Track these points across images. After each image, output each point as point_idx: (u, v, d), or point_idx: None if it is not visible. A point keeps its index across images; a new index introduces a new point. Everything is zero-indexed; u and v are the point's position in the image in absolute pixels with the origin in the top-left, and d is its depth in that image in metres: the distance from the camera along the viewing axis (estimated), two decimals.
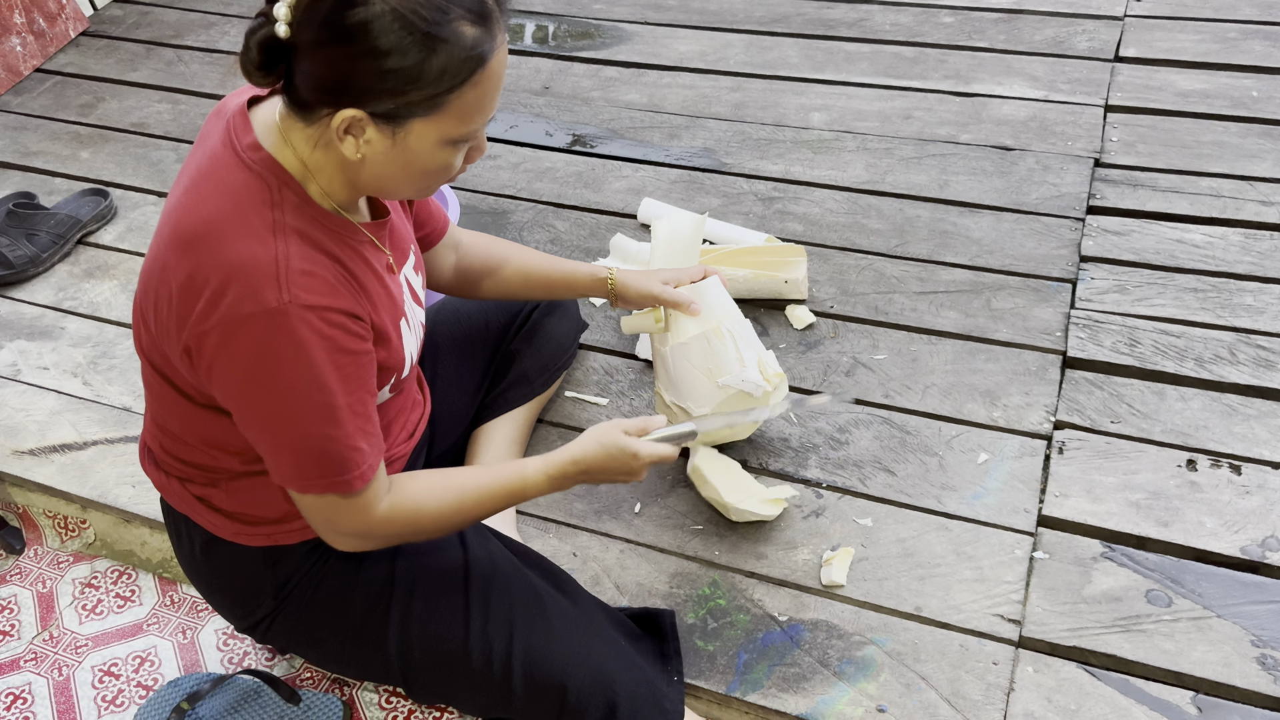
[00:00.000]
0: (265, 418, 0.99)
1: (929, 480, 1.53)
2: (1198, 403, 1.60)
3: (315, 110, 0.95)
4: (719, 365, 1.41)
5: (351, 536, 1.08)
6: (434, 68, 0.90)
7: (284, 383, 0.96)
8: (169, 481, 1.19)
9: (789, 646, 1.35)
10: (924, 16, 2.63)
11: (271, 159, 0.98)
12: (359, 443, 1.02)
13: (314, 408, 0.98)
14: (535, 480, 1.16)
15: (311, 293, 0.95)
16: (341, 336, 0.98)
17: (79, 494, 1.65)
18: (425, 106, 0.93)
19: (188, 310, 0.96)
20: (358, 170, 0.99)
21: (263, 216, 0.96)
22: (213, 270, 0.94)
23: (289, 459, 1.01)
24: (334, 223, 1.02)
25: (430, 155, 0.98)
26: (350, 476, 1.02)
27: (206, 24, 2.93)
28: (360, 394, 1.02)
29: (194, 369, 1.00)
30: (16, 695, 1.50)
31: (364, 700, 1.46)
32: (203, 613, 1.59)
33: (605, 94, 2.48)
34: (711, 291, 1.44)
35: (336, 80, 0.91)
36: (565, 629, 1.19)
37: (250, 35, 0.92)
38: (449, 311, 1.54)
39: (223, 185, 0.98)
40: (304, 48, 0.90)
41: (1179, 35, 2.45)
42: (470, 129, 0.98)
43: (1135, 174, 2.06)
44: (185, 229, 0.97)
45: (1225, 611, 1.34)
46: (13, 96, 2.68)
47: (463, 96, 0.94)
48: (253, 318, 0.93)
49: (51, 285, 2.08)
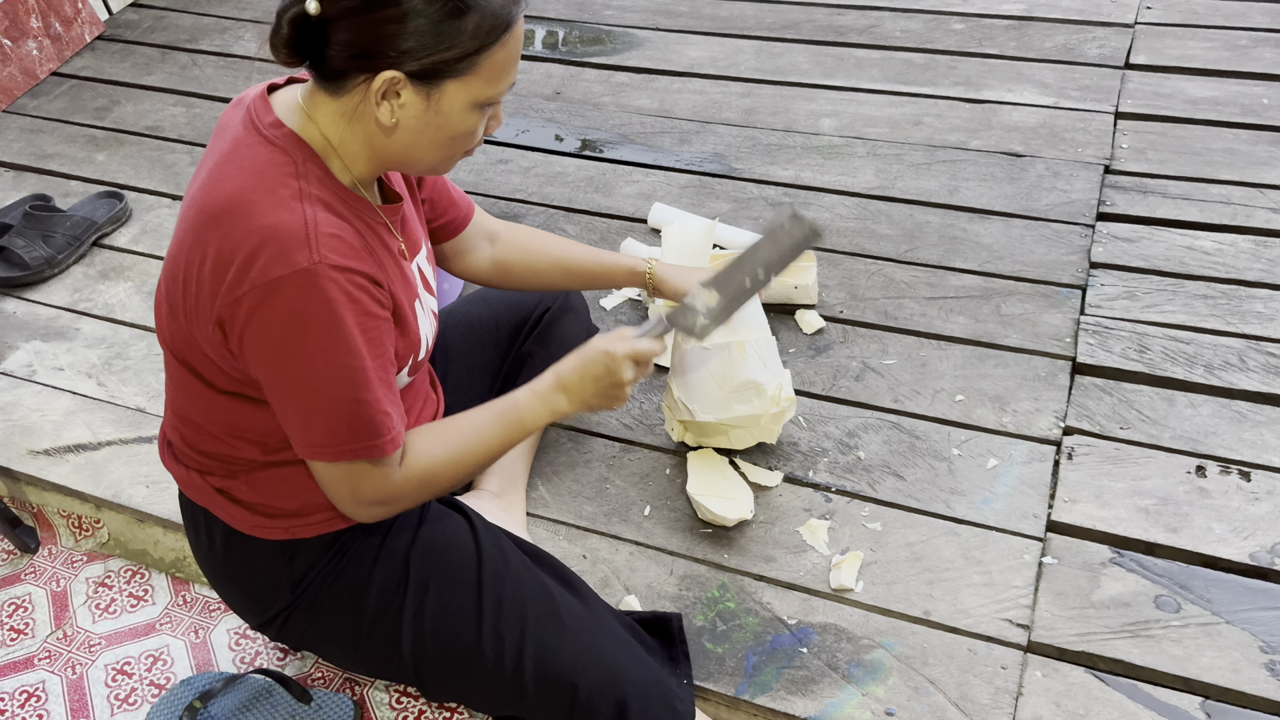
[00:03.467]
0: (298, 382, 1.01)
1: (938, 485, 1.53)
2: (1207, 409, 1.60)
3: (349, 79, 0.98)
4: (732, 378, 1.42)
5: (375, 505, 1.10)
6: (468, 26, 0.95)
7: (316, 345, 0.98)
8: (189, 475, 1.20)
9: (798, 649, 1.36)
10: (934, 23, 2.64)
11: (294, 134, 1.02)
12: (387, 407, 1.05)
13: (346, 370, 1.00)
14: (526, 401, 1.18)
15: (340, 254, 0.98)
16: (367, 300, 1.01)
17: (93, 494, 1.66)
18: (460, 67, 0.97)
19: (219, 281, 0.98)
20: (387, 139, 1.02)
21: (289, 186, 0.99)
22: (242, 239, 0.96)
23: (321, 424, 1.03)
24: (353, 199, 1.05)
25: (461, 118, 1.02)
26: (382, 441, 1.05)
27: (221, 28, 2.95)
28: (384, 360, 1.05)
29: (226, 342, 1.02)
30: (31, 693, 1.51)
31: (375, 700, 1.46)
32: (215, 612, 1.60)
33: (616, 99, 2.49)
34: (749, 303, 1.44)
35: (376, 44, 0.95)
36: (577, 628, 1.20)
37: (282, 14, 0.95)
38: (460, 315, 1.55)
39: (246, 161, 1.00)
40: (338, 18, 0.94)
41: (1189, 42, 2.45)
42: (498, 90, 1.02)
43: (1145, 181, 2.06)
44: (212, 205, 0.99)
45: (1234, 617, 1.34)
46: (29, 100, 2.71)
47: (493, 56, 0.99)
48: (285, 280, 0.96)
49: (67, 287, 2.10)
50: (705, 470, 1.52)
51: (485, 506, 1.46)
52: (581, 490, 1.59)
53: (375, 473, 1.07)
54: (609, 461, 1.62)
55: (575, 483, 1.60)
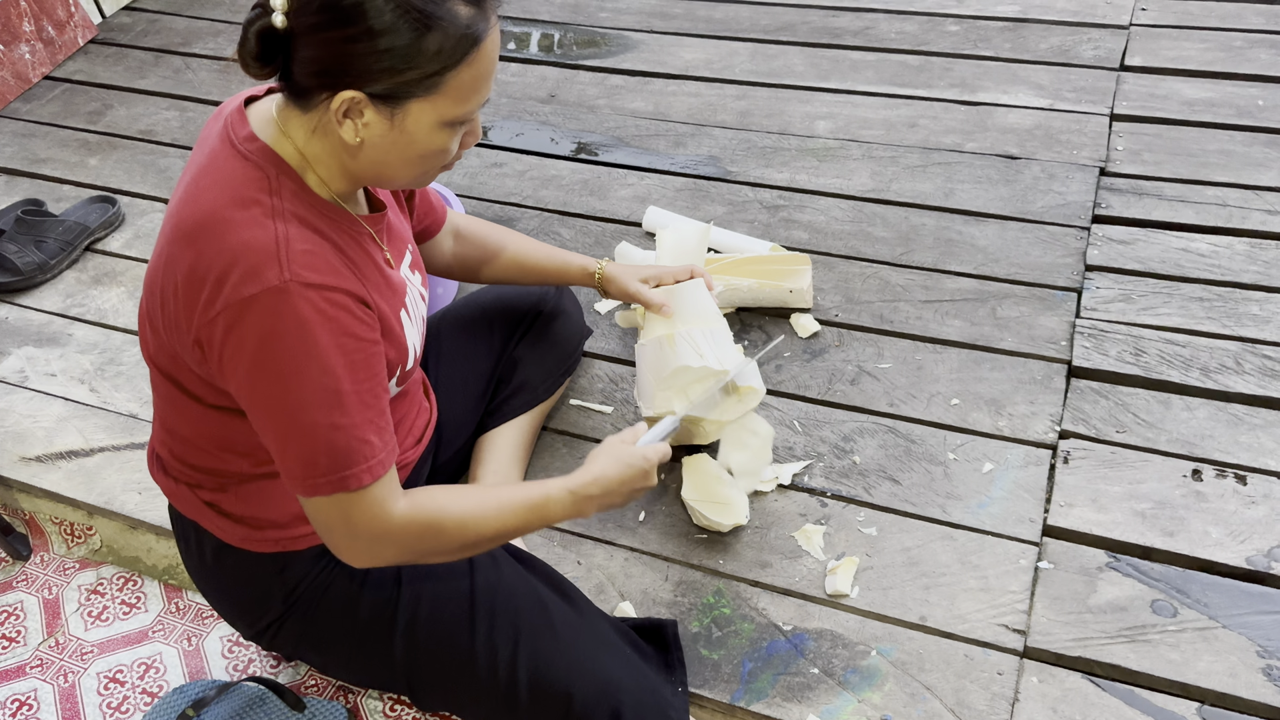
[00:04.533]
0: (272, 405, 0.97)
1: (934, 489, 1.53)
2: (1203, 412, 1.60)
3: (314, 95, 0.96)
4: (663, 369, 1.42)
5: (365, 540, 1.03)
6: (430, 47, 0.92)
7: (288, 365, 0.95)
8: (178, 488, 1.19)
9: (794, 656, 1.35)
10: (929, 25, 2.64)
11: (268, 149, 1.00)
12: (368, 434, 1.00)
13: (319, 392, 0.96)
14: (559, 498, 1.13)
15: (314, 271, 0.96)
16: (346, 319, 0.98)
17: (85, 500, 1.65)
18: (423, 86, 0.95)
19: (194, 301, 0.97)
20: (356, 156, 1.00)
21: (261, 203, 0.97)
22: (214, 257, 0.95)
23: (296, 452, 0.98)
24: (332, 212, 1.03)
25: (428, 138, 0.99)
26: (358, 470, 0.99)
27: (214, 32, 2.94)
28: (369, 383, 1.00)
29: (205, 361, 1.00)
30: (22, 702, 1.51)
31: (368, 708, 1.46)
32: (208, 619, 1.59)
33: (611, 102, 2.49)
34: (690, 294, 1.44)
35: (334, 62, 0.93)
36: (571, 637, 1.19)
37: (248, 26, 0.93)
38: (452, 318, 1.55)
39: (220, 176, 0.99)
40: (302, 33, 0.92)
41: (1184, 44, 2.45)
42: (466, 110, 0.99)
43: (1141, 183, 2.06)
44: (186, 222, 0.98)
45: (1231, 622, 1.34)
46: (21, 104, 2.70)
47: (459, 76, 0.96)
48: (256, 299, 0.94)
49: (59, 292, 2.09)
50: (700, 476, 1.51)
51: None
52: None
53: (359, 503, 1.01)
54: None
55: None
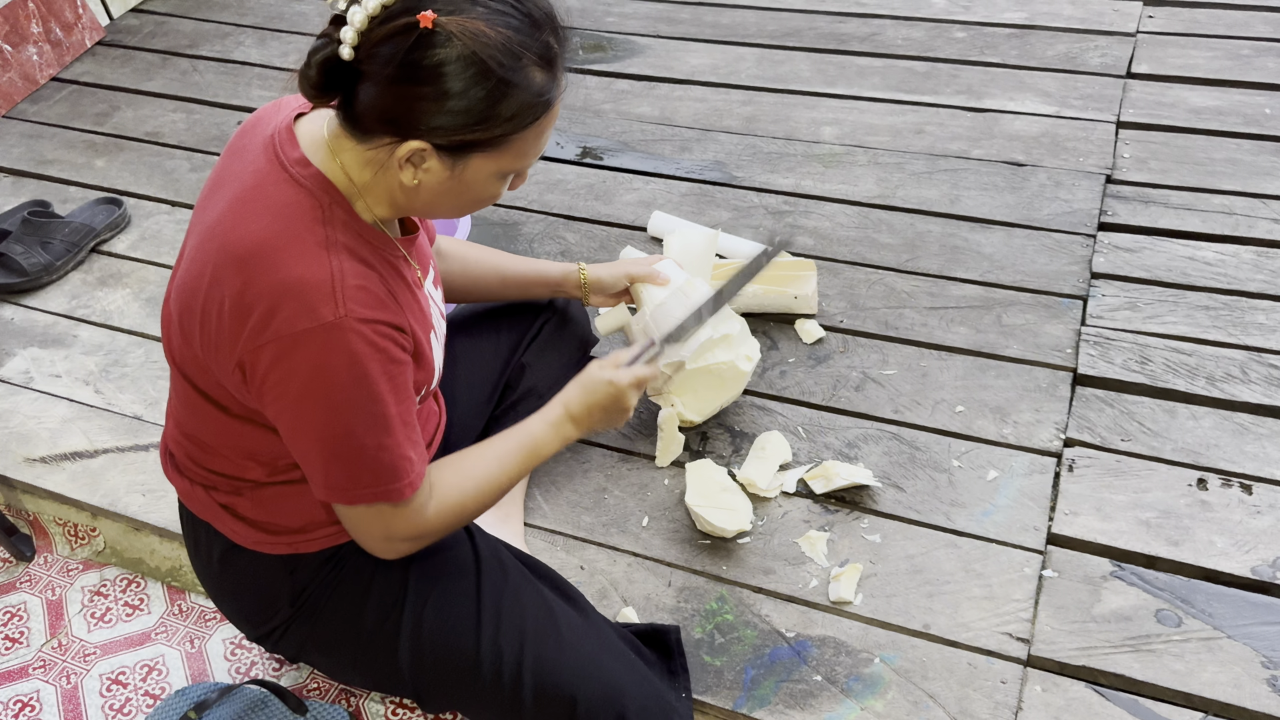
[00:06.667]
0: (320, 431, 1.00)
1: (938, 497, 1.53)
2: (1209, 421, 1.60)
3: (375, 136, 0.97)
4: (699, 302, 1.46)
5: (405, 542, 1.11)
6: (504, 111, 0.94)
7: (340, 396, 0.98)
8: (192, 488, 1.19)
9: (796, 663, 1.35)
10: (936, 31, 2.64)
11: (321, 175, 1.00)
12: (408, 451, 1.05)
13: (369, 419, 1.00)
14: (541, 431, 1.22)
15: (366, 306, 0.97)
16: (392, 348, 1.01)
17: (89, 502, 1.65)
18: (489, 144, 0.96)
19: (240, 326, 0.97)
20: (410, 195, 1.02)
21: (315, 234, 0.98)
22: (265, 289, 0.96)
23: (342, 471, 1.02)
24: (376, 238, 1.04)
25: (483, 186, 1.02)
26: (401, 485, 1.04)
27: (221, 34, 2.95)
28: (408, 403, 1.05)
29: (246, 385, 1.01)
30: (25, 703, 1.51)
31: (371, 712, 1.46)
32: (211, 622, 1.59)
33: (617, 106, 2.49)
34: (672, 267, 1.52)
35: (406, 115, 0.93)
36: (576, 641, 1.19)
37: (313, 54, 0.93)
38: (461, 325, 1.55)
39: (272, 202, 0.99)
40: (372, 77, 0.92)
41: (1192, 52, 2.44)
42: (525, 163, 1.03)
43: (1147, 191, 2.06)
44: (237, 246, 0.98)
45: (1236, 632, 1.33)
46: (29, 105, 2.71)
47: (524, 136, 0.98)
48: (309, 334, 0.95)
49: (65, 293, 2.09)
50: (704, 481, 1.51)
51: (483, 517, 1.45)
52: (579, 501, 1.58)
53: (401, 513, 1.07)
54: (607, 472, 1.61)
55: (573, 493, 1.59)
